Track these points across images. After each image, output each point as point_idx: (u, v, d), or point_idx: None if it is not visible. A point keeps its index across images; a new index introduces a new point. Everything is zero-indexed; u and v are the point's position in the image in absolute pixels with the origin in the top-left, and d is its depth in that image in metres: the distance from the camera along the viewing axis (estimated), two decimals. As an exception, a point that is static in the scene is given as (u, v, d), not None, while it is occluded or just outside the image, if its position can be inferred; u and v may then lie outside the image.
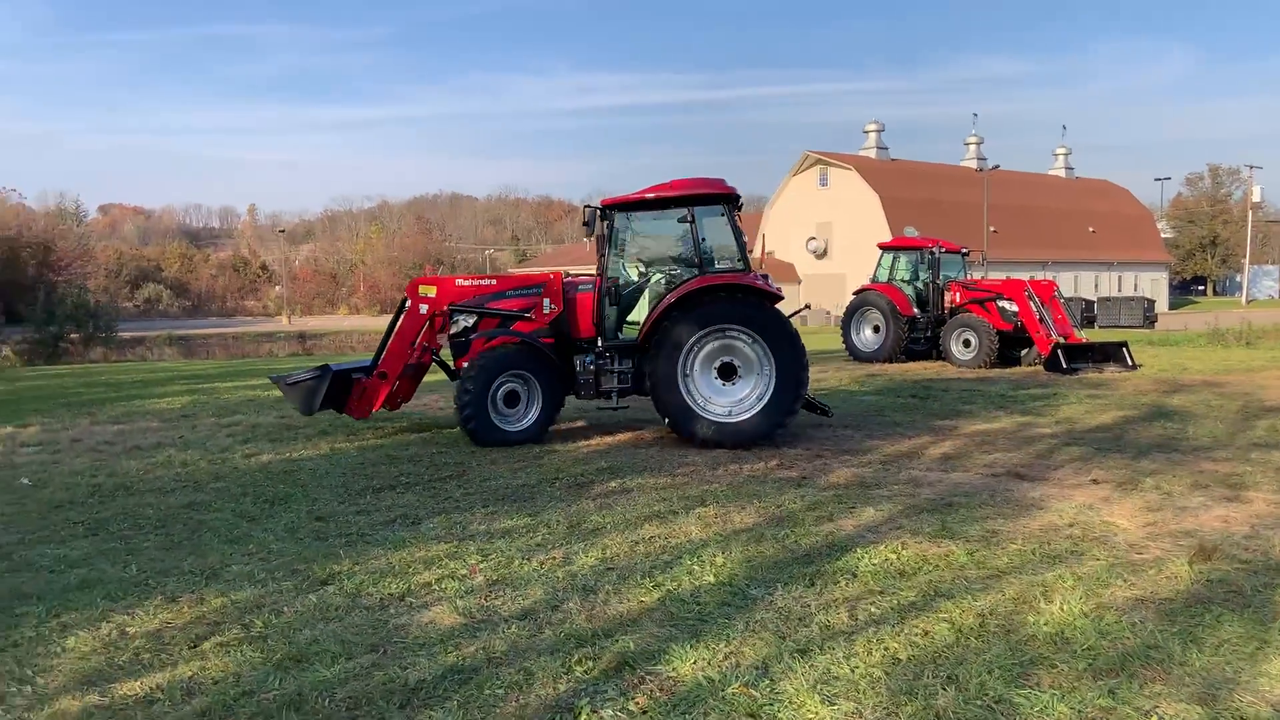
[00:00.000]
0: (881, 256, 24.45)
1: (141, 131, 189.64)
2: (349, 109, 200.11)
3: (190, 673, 4.52)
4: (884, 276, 23.91)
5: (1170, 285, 79.12)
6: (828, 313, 54.33)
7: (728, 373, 10.91)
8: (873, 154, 64.33)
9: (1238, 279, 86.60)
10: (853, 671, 4.42)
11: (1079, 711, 3.98)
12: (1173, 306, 73.94)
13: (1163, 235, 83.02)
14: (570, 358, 11.47)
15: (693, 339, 10.68)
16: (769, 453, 10.33)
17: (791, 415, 10.93)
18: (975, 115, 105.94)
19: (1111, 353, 20.65)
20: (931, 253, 23.26)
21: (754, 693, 4.20)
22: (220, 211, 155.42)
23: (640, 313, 11.49)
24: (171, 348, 39.83)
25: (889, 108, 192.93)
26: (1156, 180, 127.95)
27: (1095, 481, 8.67)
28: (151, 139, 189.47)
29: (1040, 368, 20.46)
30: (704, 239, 11.18)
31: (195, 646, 4.86)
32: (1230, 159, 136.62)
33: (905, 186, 58.91)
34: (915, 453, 10.33)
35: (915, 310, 23.04)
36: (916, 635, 4.86)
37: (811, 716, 3.97)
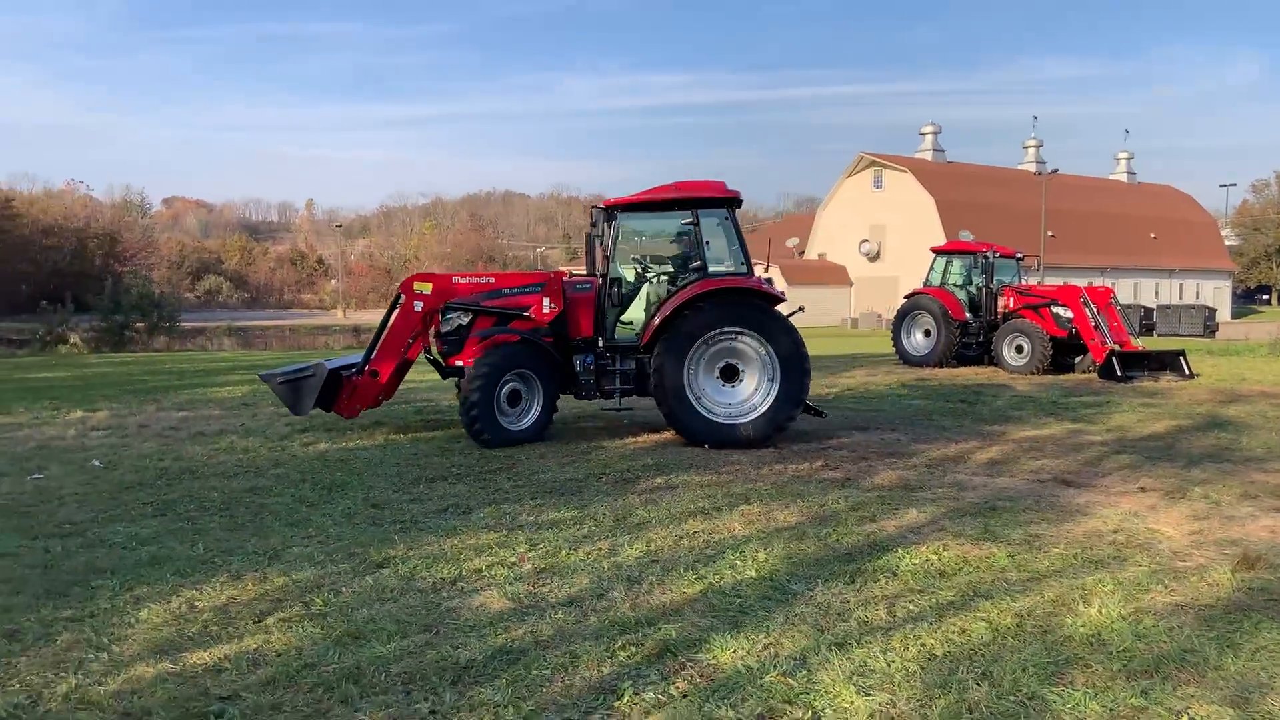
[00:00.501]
0: (934, 260, 24.31)
1: (205, 126, 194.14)
2: (406, 106, 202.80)
3: (255, 645, 4.77)
4: (936, 280, 23.78)
5: (1234, 294, 77.25)
6: (879, 316, 53.95)
7: (729, 374, 11.05)
8: (929, 156, 63.71)
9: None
10: (889, 665, 4.54)
11: (1111, 710, 4.06)
12: (1235, 315, 72.19)
13: (1227, 242, 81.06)
14: (569, 358, 11.42)
15: (699, 341, 10.78)
16: (814, 454, 10.42)
17: (794, 416, 11.12)
18: (1035, 118, 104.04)
19: (1168, 361, 20.33)
20: (985, 257, 23.08)
21: (791, 681, 4.34)
22: (279, 206, 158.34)
23: (638, 313, 11.53)
24: (230, 338, 40.69)
25: (946, 109, 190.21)
26: (1221, 186, 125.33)
27: (1143, 489, 8.64)
28: (215, 133, 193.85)
29: (1095, 375, 20.22)
30: (707, 242, 11.27)
31: (260, 621, 5.12)
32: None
33: (961, 189, 58.24)
34: (961, 457, 10.35)
35: (967, 315, 22.88)
36: (953, 633, 4.96)
37: (847, 706, 4.10)
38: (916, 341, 23.34)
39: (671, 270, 11.66)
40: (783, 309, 11.22)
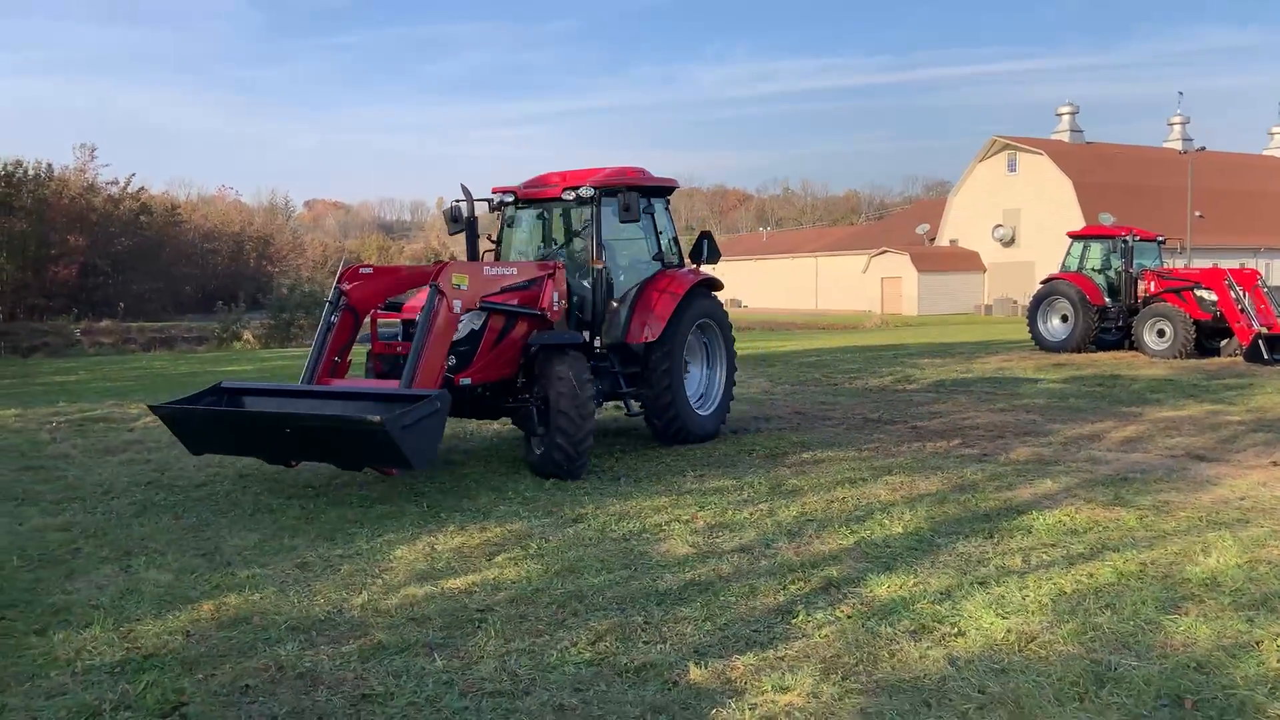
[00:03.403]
0: (1071, 245, 24.25)
1: (343, 129, 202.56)
2: (535, 103, 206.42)
3: (493, 576, 5.90)
4: (1074, 265, 23.72)
5: (1406, 273, 72.22)
6: (1014, 302, 52.98)
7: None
8: (1066, 137, 61.89)
9: None
10: (1024, 598, 5.34)
11: (1218, 633, 4.77)
12: None
13: (1398, 218, 75.79)
14: None
15: (688, 335, 10.53)
16: (951, 433, 11.07)
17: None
18: (1180, 94, 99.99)
19: (1320, 343, 19.91)
20: (1125, 241, 22.95)
21: (939, 608, 5.19)
22: (411, 204, 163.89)
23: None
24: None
25: (1085, 85, 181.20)
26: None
27: (1275, 463, 9.03)
28: (351, 135, 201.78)
29: (1240, 359, 19.98)
30: (661, 231, 10.80)
31: (491, 559, 6.26)
32: None
33: (1101, 171, 56.49)
34: (1096, 435, 10.84)
35: (1106, 299, 22.79)
36: (1082, 576, 5.70)
37: (987, 626, 4.93)
38: (1053, 327, 23.35)
39: (624, 260, 10.74)
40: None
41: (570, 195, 9.89)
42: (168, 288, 58.23)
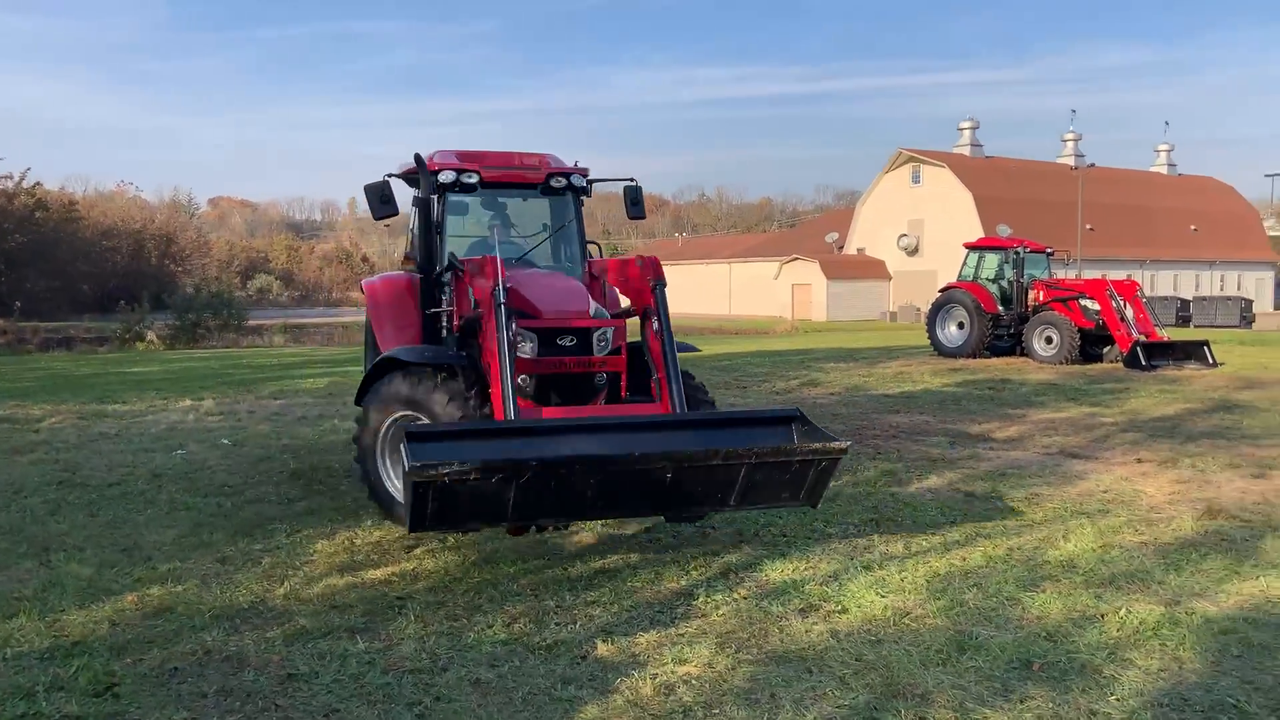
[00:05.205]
0: (967, 256, 25.40)
1: (252, 126, 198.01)
2: (452, 103, 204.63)
3: (412, 567, 6.19)
4: (970, 275, 24.86)
5: (1277, 285, 76.78)
6: (917, 310, 54.79)
7: None
8: (967, 151, 64.25)
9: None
10: (902, 579, 5.86)
11: (1069, 607, 5.35)
12: (1279, 306, 71.84)
13: (1271, 233, 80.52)
14: None
15: None
16: (851, 433, 11.66)
17: None
18: (1073, 112, 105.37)
19: (1192, 351, 21.32)
20: (1016, 252, 24.15)
21: (826, 589, 5.67)
22: (322, 204, 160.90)
23: None
24: (284, 335, 42.12)
25: (989, 98, 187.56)
26: (1267, 176, 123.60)
27: (1139, 460, 9.83)
28: (261, 133, 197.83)
29: (1121, 364, 21.24)
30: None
31: (409, 551, 6.53)
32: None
33: (999, 185, 58.82)
34: (982, 436, 11.57)
35: (999, 308, 23.95)
36: (956, 560, 6.26)
37: (868, 604, 5.42)
38: (950, 334, 24.43)
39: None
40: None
41: (560, 183, 8.13)
42: (64, 286, 56.22)
